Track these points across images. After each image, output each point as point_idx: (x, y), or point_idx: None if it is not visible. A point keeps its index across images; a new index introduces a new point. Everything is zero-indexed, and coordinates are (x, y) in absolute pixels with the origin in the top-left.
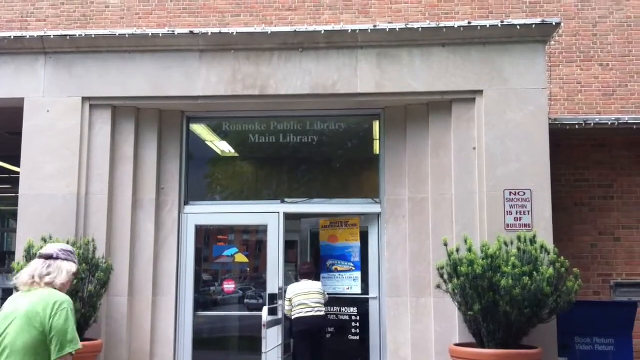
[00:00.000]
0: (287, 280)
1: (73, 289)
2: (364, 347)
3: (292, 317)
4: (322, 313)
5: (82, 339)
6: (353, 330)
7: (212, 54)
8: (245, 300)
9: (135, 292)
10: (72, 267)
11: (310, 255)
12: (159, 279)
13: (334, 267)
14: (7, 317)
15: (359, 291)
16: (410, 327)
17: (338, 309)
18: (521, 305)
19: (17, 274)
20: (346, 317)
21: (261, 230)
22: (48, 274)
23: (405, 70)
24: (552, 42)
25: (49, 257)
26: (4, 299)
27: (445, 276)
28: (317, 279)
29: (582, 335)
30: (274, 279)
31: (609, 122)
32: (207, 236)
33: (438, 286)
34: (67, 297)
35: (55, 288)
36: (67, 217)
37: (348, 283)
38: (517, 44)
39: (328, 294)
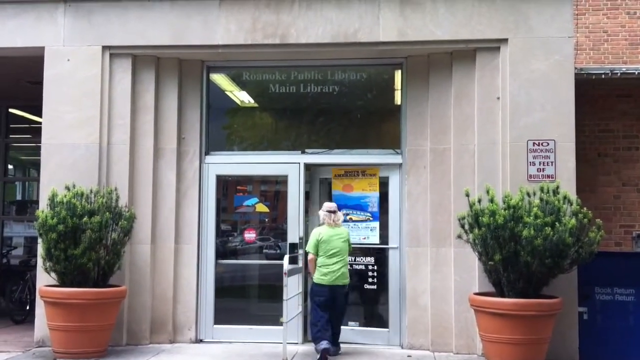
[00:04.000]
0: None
1: (97, 237)
2: (383, 295)
3: None
4: None
5: (106, 286)
6: (370, 279)
7: (232, 2)
8: (264, 250)
9: (158, 241)
10: (342, 216)
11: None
12: (181, 228)
13: (348, 217)
14: (333, 236)
15: (377, 241)
16: (430, 277)
17: (353, 258)
18: (543, 255)
19: (322, 218)
20: (362, 267)
21: (281, 181)
22: (338, 219)
23: (428, 19)
24: None
25: (334, 211)
26: (26, 247)
27: (467, 227)
28: None
29: (603, 286)
30: (294, 229)
31: (636, 72)
32: (225, 187)
33: (459, 236)
34: (347, 230)
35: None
36: (90, 167)
37: (365, 233)
38: None
39: None
